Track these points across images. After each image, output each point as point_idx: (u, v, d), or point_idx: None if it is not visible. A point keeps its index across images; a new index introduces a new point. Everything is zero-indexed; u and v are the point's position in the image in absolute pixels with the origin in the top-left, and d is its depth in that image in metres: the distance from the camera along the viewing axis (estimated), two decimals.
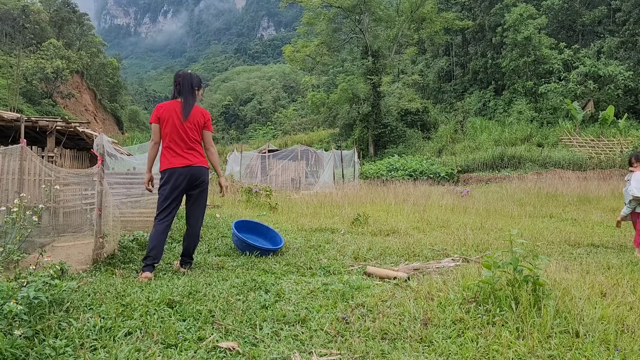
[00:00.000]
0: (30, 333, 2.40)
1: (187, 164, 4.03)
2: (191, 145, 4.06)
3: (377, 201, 11.69)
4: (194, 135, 4.08)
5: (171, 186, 4.02)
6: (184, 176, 4.02)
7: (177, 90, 4.10)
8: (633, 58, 34.24)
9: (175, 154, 4.03)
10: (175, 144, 4.03)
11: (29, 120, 7.86)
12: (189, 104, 4.06)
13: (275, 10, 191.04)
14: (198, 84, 4.18)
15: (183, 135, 4.02)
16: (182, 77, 4.11)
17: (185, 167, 4.02)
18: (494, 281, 3.04)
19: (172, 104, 4.09)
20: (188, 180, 4.04)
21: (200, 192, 4.17)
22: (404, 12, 39.95)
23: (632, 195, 5.73)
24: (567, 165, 24.15)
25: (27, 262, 3.89)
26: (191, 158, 4.05)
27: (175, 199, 4.07)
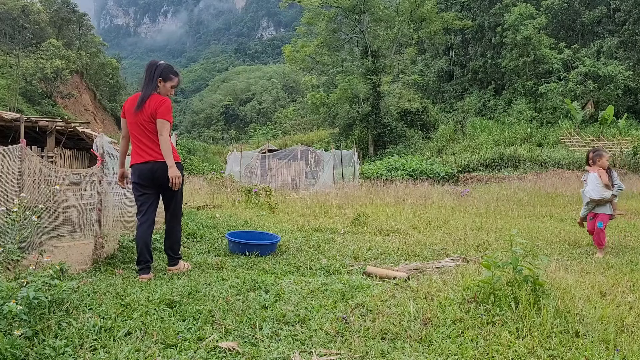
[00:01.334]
0: (30, 333, 2.40)
1: (145, 160, 3.82)
2: (148, 140, 3.81)
3: (377, 201, 11.69)
4: (151, 129, 3.81)
5: (136, 184, 3.90)
6: (145, 173, 3.83)
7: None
8: (633, 58, 34.25)
9: (136, 149, 3.86)
10: (135, 139, 3.86)
11: (28, 120, 7.86)
12: (144, 95, 3.81)
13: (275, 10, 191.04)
14: (163, 75, 3.91)
15: (142, 129, 3.82)
16: (147, 67, 3.92)
17: (146, 163, 3.82)
18: (493, 281, 3.04)
19: (135, 96, 3.92)
20: (150, 177, 3.83)
21: (167, 188, 3.86)
22: (404, 12, 39.98)
23: (588, 197, 5.66)
24: (567, 165, 24.15)
25: (26, 262, 3.88)
26: (149, 154, 3.81)
27: (144, 197, 3.89)
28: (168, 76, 3.94)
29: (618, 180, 5.63)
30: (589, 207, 5.74)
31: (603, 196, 5.53)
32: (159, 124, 3.78)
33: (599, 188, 5.56)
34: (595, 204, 5.65)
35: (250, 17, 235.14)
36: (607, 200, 5.56)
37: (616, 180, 5.60)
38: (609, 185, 5.52)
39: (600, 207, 5.63)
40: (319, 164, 21.35)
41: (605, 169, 5.63)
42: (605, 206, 5.60)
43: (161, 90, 3.93)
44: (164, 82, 3.93)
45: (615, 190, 5.57)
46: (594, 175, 5.59)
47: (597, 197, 5.57)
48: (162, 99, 3.83)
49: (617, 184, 5.60)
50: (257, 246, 5.05)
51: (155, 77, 3.88)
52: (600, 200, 5.57)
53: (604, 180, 5.49)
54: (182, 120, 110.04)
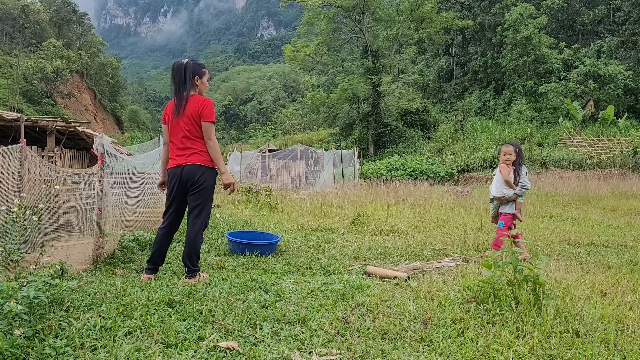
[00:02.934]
0: (30, 333, 2.40)
1: (177, 163, 3.74)
2: (186, 143, 3.71)
3: (377, 201, 11.69)
4: (190, 131, 3.70)
5: (168, 188, 3.85)
6: (175, 178, 3.74)
7: (172, 84, 3.76)
8: (633, 57, 34.24)
9: (172, 154, 3.82)
10: (172, 144, 3.81)
11: (29, 120, 7.86)
12: (181, 97, 3.70)
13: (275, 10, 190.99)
14: (196, 72, 3.78)
15: (178, 134, 3.73)
16: (175, 69, 3.77)
17: (176, 168, 3.74)
18: (494, 281, 3.04)
19: (172, 101, 3.82)
20: (179, 182, 3.74)
21: (193, 193, 3.74)
22: (404, 12, 39.95)
23: (491, 194, 5.30)
24: (567, 164, 24.15)
25: (27, 262, 3.89)
26: (184, 157, 3.72)
27: (171, 202, 3.82)
28: (201, 71, 3.83)
29: (525, 179, 5.11)
30: (494, 205, 5.32)
31: (502, 194, 5.13)
32: (205, 127, 3.68)
33: (498, 184, 5.18)
34: (500, 202, 5.21)
35: (250, 17, 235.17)
36: (508, 199, 5.11)
37: (523, 178, 5.10)
38: (509, 182, 5.06)
39: (502, 206, 5.19)
40: (319, 163, 21.36)
41: (510, 164, 5.14)
42: (507, 205, 5.15)
43: (200, 88, 3.82)
44: (200, 78, 3.81)
45: (518, 189, 5.07)
46: (498, 172, 5.21)
47: (496, 194, 5.19)
48: (203, 100, 3.71)
49: (522, 182, 5.09)
50: (257, 246, 5.05)
51: (189, 76, 3.74)
52: (500, 198, 5.17)
53: (504, 176, 5.08)
54: None
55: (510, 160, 5.12)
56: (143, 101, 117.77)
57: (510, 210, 5.12)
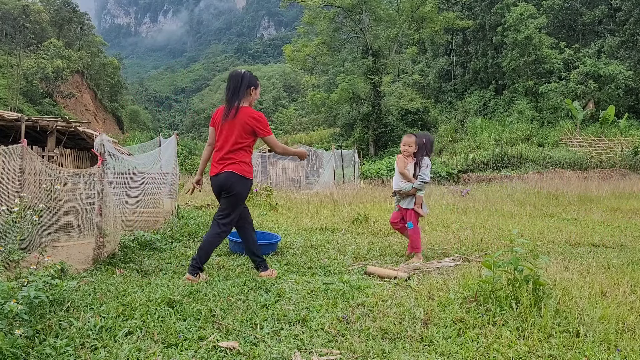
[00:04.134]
0: (30, 333, 2.40)
1: (217, 171, 3.89)
2: (228, 153, 3.84)
3: (378, 201, 11.68)
4: (236, 141, 3.82)
5: (215, 195, 4.03)
6: (216, 186, 3.93)
7: (226, 91, 3.95)
8: (633, 57, 34.22)
9: (213, 160, 3.98)
10: (216, 150, 3.97)
11: (29, 120, 7.86)
12: (232, 105, 3.85)
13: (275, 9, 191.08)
14: (252, 83, 3.94)
15: (221, 140, 3.88)
16: (233, 77, 3.93)
17: (217, 176, 3.90)
18: (494, 281, 3.04)
19: (223, 107, 3.98)
20: (217, 189, 3.94)
21: (224, 198, 3.90)
22: (405, 12, 39.95)
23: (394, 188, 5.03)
24: (568, 164, 24.14)
25: (27, 262, 3.89)
26: (223, 166, 3.86)
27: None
28: (255, 82, 3.99)
29: (425, 172, 4.80)
30: (397, 199, 5.08)
31: (399, 187, 4.90)
32: (267, 141, 3.94)
33: (397, 177, 4.95)
34: (400, 196, 4.99)
35: (250, 17, 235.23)
36: (407, 193, 4.89)
37: (423, 170, 4.80)
38: (405, 175, 4.83)
39: (402, 200, 4.96)
40: (320, 163, 21.35)
41: (409, 156, 4.90)
42: (407, 200, 4.92)
43: (252, 98, 3.97)
44: (255, 89, 3.98)
45: (417, 183, 4.81)
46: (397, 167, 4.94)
47: (395, 187, 4.99)
48: (257, 115, 3.87)
49: (421, 175, 4.79)
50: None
51: (244, 86, 3.89)
52: (398, 191, 4.94)
53: (399, 168, 4.84)
54: (182, 120, 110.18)
55: (409, 152, 4.88)
56: (143, 101, 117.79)
57: (409, 205, 4.91)
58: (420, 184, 4.81)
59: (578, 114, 30.45)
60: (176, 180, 8.34)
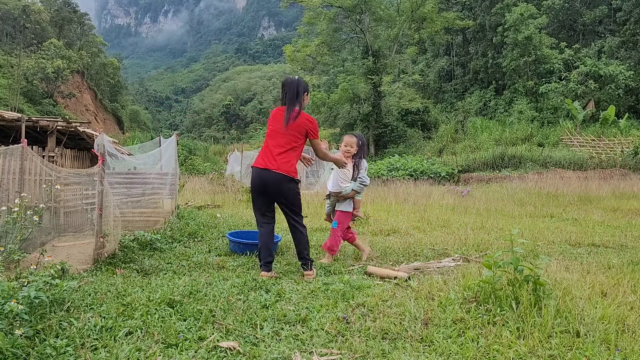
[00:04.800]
0: (31, 333, 2.40)
1: (268, 167, 4.03)
2: (285, 151, 4.05)
3: (378, 201, 11.69)
4: (296, 145, 4.10)
5: (259, 186, 4.12)
6: (263, 178, 4.04)
7: (283, 96, 4.17)
8: (634, 58, 34.21)
9: (264, 156, 4.07)
10: (267, 148, 4.09)
11: (29, 120, 7.86)
12: (292, 109, 4.08)
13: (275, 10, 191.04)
14: (305, 89, 4.22)
15: (281, 141, 4.05)
16: (289, 84, 4.16)
17: (266, 170, 4.03)
18: (494, 281, 3.03)
19: (281, 109, 4.16)
20: (265, 185, 4.07)
21: (286, 201, 4.14)
22: (405, 12, 39.94)
23: (329, 189, 4.95)
24: (568, 165, 24.12)
25: (28, 262, 3.89)
26: (277, 164, 4.02)
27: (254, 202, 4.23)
28: (307, 88, 4.30)
29: (364, 174, 4.76)
30: (330, 202, 4.99)
31: (340, 188, 4.80)
32: (315, 144, 4.24)
33: (335, 179, 4.86)
34: (336, 199, 4.90)
35: (251, 17, 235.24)
36: (346, 196, 4.79)
37: (362, 173, 4.75)
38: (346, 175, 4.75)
39: (340, 203, 4.87)
40: (320, 163, 21.32)
41: (349, 157, 4.80)
42: (345, 202, 4.83)
43: (305, 102, 4.24)
44: (307, 94, 4.30)
45: (356, 186, 4.73)
46: (336, 169, 4.82)
47: (332, 189, 4.89)
48: (312, 119, 4.20)
49: (360, 177, 4.74)
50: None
51: (301, 92, 4.17)
52: (337, 194, 4.84)
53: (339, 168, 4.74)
54: (182, 120, 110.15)
55: (351, 153, 4.80)
56: (144, 101, 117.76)
57: (348, 208, 4.83)
58: (359, 186, 4.76)
59: (578, 114, 30.43)
60: (176, 181, 8.35)
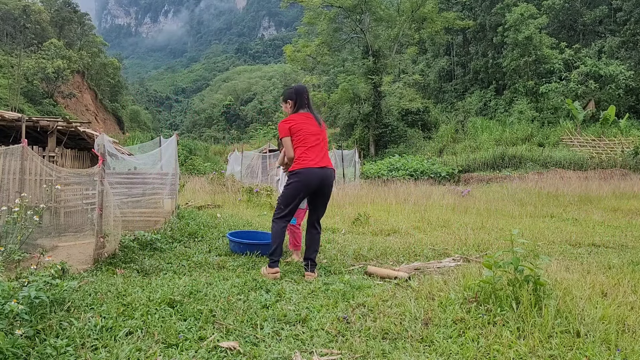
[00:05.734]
0: (31, 332, 2.40)
1: (324, 165, 4.20)
2: (326, 152, 4.31)
3: (378, 201, 11.68)
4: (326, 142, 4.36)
5: (309, 187, 4.22)
6: (320, 176, 4.18)
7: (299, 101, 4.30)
8: (634, 58, 34.19)
9: (316, 157, 4.17)
10: (310, 149, 4.19)
11: (30, 120, 7.86)
12: (313, 112, 4.30)
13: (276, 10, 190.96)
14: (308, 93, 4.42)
15: (320, 142, 4.25)
16: (301, 91, 4.33)
17: (322, 169, 4.19)
18: (494, 281, 3.03)
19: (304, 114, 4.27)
20: (321, 182, 4.22)
21: (326, 195, 4.37)
22: (405, 12, 39.94)
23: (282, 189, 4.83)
24: (568, 165, 24.12)
25: (28, 262, 3.89)
26: (327, 162, 4.25)
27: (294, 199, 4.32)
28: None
29: None
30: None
31: None
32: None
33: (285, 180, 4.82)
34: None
35: (251, 17, 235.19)
36: None
37: None
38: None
39: None
40: None
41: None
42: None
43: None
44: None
45: None
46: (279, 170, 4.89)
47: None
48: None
49: None
50: (258, 246, 5.05)
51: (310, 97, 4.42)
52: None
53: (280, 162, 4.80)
54: (183, 120, 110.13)
55: None
56: (144, 101, 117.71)
57: (302, 205, 4.91)
58: None
59: (578, 114, 30.43)
60: (177, 181, 8.34)
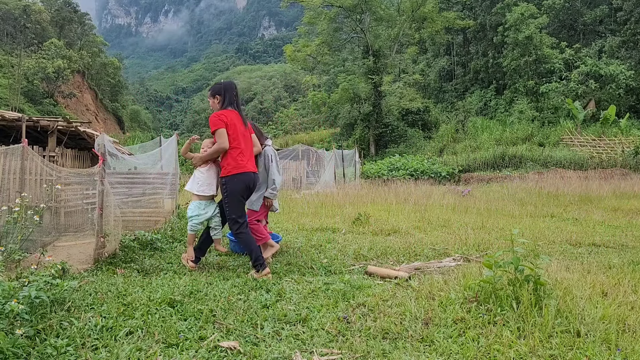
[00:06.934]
0: (31, 332, 2.41)
1: (253, 170, 4.25)
2: (252, 153, 4.39)
3: (378, 201, 11.68)
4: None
5: (245, 191, 4.22)
6: (252, 181, 4.22)
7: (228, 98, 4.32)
8: (634, 57, 34.17)
9: (244, 160, 4.19)
10: (240, 150, 4.20)
11: (30, 120, 7.86)
12: (241, 111, 4.39)
13: (276, 9, 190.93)
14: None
15: (249, 143, 4.31)
16: (230, 86, 4.40)
17: (254, 173, 4.25)
18: (495, 281, 3.03)
19: (234, 112, 4.32)
20: (250, 186, 4.25)
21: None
22: (405, 12, 39.96)
23: None
24: (569, 164, 24.12)
25: (28, 262, 3.89)
26: (253, 165, 4.29)
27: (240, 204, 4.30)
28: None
29: (274, 173, 4.87)
30: None
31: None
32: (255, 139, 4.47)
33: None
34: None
35: (251, 17, 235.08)
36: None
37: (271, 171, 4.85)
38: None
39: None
40: (320, 163, 21.34)
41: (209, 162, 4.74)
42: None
43: None
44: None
45: (268, 193, 4.86)
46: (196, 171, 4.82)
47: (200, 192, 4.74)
48: None
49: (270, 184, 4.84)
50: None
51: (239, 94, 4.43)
52: None
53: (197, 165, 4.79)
54: (183, 120, 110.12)
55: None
56: (144, 101, 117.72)
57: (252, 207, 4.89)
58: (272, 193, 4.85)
59: (579, 113, 30.42)
60: (177, 180, 8.34)
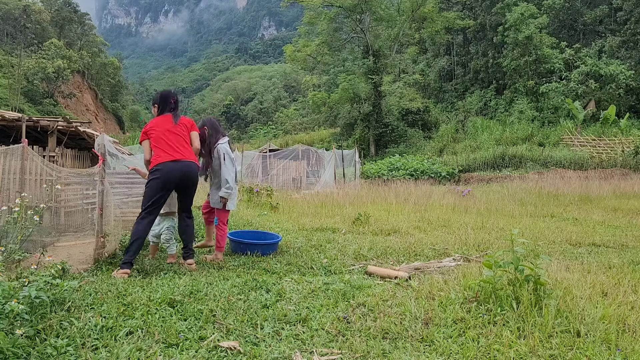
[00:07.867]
0: (31, 332, 2.40)
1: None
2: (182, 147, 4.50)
3: (378, 201, 11.68)
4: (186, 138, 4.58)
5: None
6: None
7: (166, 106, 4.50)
8: (634, 57, 34.18)
9: (172, 153, 4.37)
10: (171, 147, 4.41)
11: (30, 120, 7.87)
12: (177, 115, 4.53)
13: (276, 9, 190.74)
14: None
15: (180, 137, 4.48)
16: (172, 95, 4.57)
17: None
18: (495, 281, 3.03)
19: (167, 116, 4.47)
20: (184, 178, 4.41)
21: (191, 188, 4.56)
22: (405, 12, 39.96)
23: None
24: (569, 164, 24.12)
25: (28, 262, 3.89)
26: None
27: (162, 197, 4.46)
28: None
29: (227, 172, 4.82)
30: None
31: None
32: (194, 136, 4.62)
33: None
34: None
35: (251, 17, 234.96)
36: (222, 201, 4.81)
37: (224, 168, 4.82)
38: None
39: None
40: (320, 163, 21.35)
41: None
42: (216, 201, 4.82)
43: None
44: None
45: (223, 192, 4.74)
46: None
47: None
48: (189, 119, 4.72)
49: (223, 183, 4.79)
50: (258, 246, 5.05)
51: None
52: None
53: None
54: None
55: None
56: (144, 101, 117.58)
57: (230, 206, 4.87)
58: (226, 192, 4.75)
59: (579, 113, 30.42)
60: None
